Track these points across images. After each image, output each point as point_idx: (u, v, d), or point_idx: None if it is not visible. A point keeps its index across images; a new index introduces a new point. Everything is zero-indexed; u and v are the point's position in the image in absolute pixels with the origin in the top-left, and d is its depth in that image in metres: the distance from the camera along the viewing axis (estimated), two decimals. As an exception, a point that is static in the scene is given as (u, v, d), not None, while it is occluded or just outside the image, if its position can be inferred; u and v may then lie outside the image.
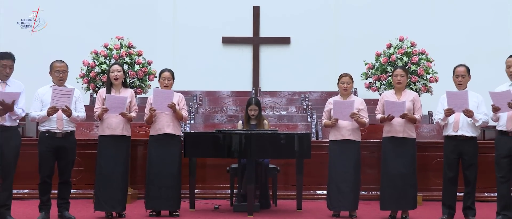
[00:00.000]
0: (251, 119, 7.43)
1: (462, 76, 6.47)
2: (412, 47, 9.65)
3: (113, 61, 9.10)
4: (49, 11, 11.05)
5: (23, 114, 6.24)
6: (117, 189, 6.53)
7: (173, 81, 6.89)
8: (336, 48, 11.58)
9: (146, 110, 6.78)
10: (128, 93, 6.70)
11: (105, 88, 6.71)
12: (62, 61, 6.51)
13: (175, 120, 6.74)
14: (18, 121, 6.27)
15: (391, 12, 11.32)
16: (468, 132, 6.38)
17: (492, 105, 6.14)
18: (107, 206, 6.52)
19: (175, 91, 6.90)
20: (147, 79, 9.49)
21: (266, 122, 7.57)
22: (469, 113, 6.26)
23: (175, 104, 6.63)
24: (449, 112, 6.32)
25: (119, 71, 6.62)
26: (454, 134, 6.42)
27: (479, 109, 6.39)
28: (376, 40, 10.11)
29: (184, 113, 6.81)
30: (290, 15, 11.81)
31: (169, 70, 6.89)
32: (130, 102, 6.65)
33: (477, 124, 6.37)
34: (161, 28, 11.77)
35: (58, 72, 6.43)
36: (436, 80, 9.49)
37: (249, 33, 11.86)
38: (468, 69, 6.51)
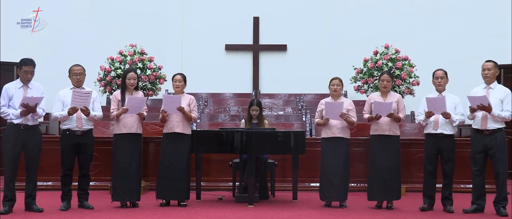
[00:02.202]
0: (253, 118, 7.43)
1: (441, 77, 6.52)
2: (396, 54, 9.72)
3: (127, 66, 9.15)
4: (65, 18, 11.07)
5: (44, 114, 6.29)
6: (133, 181, 6.55)
7: (185, 84, 6.90)
8: (328, 54, 11.59)
9: (161, 111, 6.81)
10: (140, 95, 6.74)
11: (120, 91, 6.73)
12: (79, 65, 6.57)
13: (185, 120, 6.75)
14: (39, 120, 6.32)
15: (378, 22, 11.33)
16: (446, 130, 6.42)
17: (469, 107, 6.20)
18: (125, 197, 6.53)
19: (187, 94, 6.94)
20: (157, 83, 9.56)
21: (266, 121, 7.57)
22: (446, 116, 6.31)
23: (183, 107, 6.66)
24: (429, 114, 6.37)
25: (134, 79, 6.65)
26: (434, 132, 6.46)
27: (456, 110, 6.44)
28: (364, 47, 10.15)
29: (194, 114, 6.83)
30: (286, 24, 11.81)
31: (181, 74, 6.92)
32: None
33: (454, 124, 6.44)
34: (170, 36, 11.77)
35: (76, 75, 6.47)
36: (418, 84, 9.55)
37: (249, 41, 11.86)
38: (445, 73, 6.57)
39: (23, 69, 6.14)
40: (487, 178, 6.34)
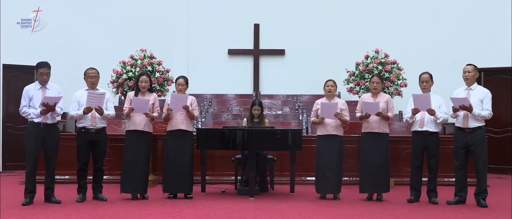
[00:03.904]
0: (254, 117, 7.43)
1: (426, 81, 6.55)
2: (385, 58, 9.76)
3: (138, 69, 9.18)
4: (81, 25, 11.11)
5: (62, 113, 6.33)
6: (138, 175, 6.57)
7: (187, 86, 6.91)
8: (323, 58, 11.61)
9: (164, 110, 6.83)
10: (152, 96, 6.76)
11: (134, 92, 6.77)
12: (94, 68, 6.60)
13: (188, 118, 6.78)
14: (57, 118, 6.37)
15: (369, 29, 11.35)
16: (431, 128, 6.46)
17: (452, 107, 6.24)
18: (130, 189, 6.57)
19: (189, 94, 6.96)
20: (165, 84, 9.59)
21: (266, 120, 7.57)
22: (431, 112, 6.35)
23: (188, 106, 6.70)
24: (415, 111, 6.41)
25: (146, 82, 6.68)
26: (420, 129, 6.50)
27: (440, 109, 6.48)
28: (356, 52, 10.17)
29: (196, 113, 6.85)
30: (284, 31, 11.83)
31: (184, 77, 6.93)
32: (152, 104, 6.70)
33: (438, 122, 6.47)
34: (177, 41, 11.79)
35: (90, 77, 6.52)
36: (405, 85, 9.58)
37: (250, 46, 11.89)
38: (431, 76, 6.59)
39: (39, 72, 6.20)
40: (468, 172, 6.38)
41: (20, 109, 6.19)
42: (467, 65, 6.40)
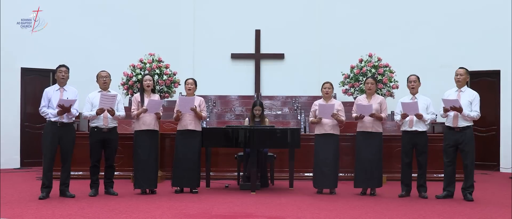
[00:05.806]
0: (255, 117, 7.44)
1: (414, 81, 6.58)
2: (378, 61, 9.74)
3: (146, 73, 9.18)
4: (94, 31, 11.11)
5: (77, 114, 6.35)
6: (151, 171, 6.59)
7: (196, 87, 6.93)
8: (319, 62, 11.60)
9: (175, 111, 6.85)
10: (156, 97, 6.78)
11: (139, 93, 6.77)
12: (105, 71, 6.67)
13: (196, 119, 6.79)
14: (73, 118, 6.38)
15: (362, 34, 11.33)
16: (420, 128, 6.47)
17: (443, 107, 6.24)
18: (144, 185, 6.58)
19: (197, 95, 6.97)
20: (173, 86, 9.59)
21: (267, 119, 7.57)
22: (419, 116, 6.37)
23: (195, 107, 6.70)
24: (404, 116, 6.42)
25: (150, 81, 6.70)
26: (409, 129, 6.51)
27: (428, 110, 6.50)
28: (351, 56, 10.15)
29: (204, 113, 6.86)
30: (284, 36, 11.82)
31: (193, 79, 6.96)
32: None
33: (426, 123, 6.48)
34: (184, 46, 11.79)
35: (102, 77, 6.56)
36: (397, 87, 9.57)
37: (252, 50, 11.89)
38: (418, 78, 6.62)
39: (58, 70, 6.28)
40: (456, 168, 6.38)
41: (40, 109, 6.23)
42: (459, 68, 6.41)
